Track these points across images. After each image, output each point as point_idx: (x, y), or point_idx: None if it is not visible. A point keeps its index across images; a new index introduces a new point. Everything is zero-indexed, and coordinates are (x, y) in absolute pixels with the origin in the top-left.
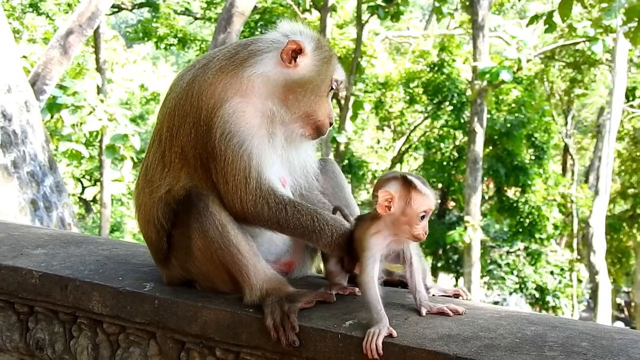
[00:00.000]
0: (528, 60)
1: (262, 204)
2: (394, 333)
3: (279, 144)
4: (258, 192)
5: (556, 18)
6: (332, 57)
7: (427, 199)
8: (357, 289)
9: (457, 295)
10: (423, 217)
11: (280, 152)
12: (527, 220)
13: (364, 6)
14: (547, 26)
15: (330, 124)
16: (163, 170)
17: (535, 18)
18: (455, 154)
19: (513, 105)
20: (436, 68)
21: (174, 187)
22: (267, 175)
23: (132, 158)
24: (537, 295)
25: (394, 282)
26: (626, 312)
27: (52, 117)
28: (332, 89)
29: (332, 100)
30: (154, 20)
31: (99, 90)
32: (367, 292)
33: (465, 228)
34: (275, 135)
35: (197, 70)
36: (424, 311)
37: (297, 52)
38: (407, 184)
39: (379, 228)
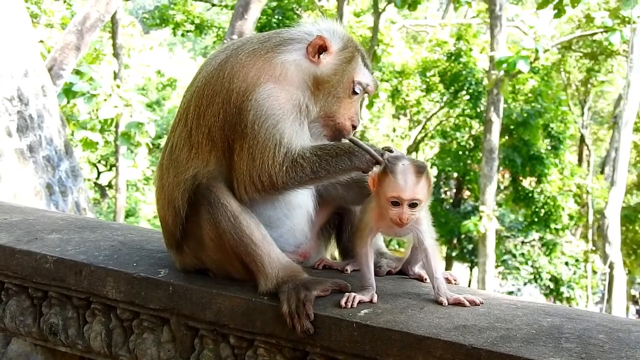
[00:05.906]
0: (545, 51)
1: (296, 169)
2: (375, 299)
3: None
4: (289, 161)
5: (567, 5)
6: (353, 58)
7: (397, 187)
8: (348, 267)
9: (447, 281)
10: (395, 203)
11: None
12: (543, 211)
13: None
14: (556, 11)
15: (354, 127)
16: (190, 152)
17: (545, 2)
18: (471, 143)
19: (530, 95)
20: (453, 57)
21: (201, 171)
22: (295, 142)
23: (147, 145)
24: (552, 286)
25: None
26: None
27: (68, 102)
28: (355, 91)
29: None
30: (171, 6)
31: (116, 76)
32: (360, 260)
33: (480, 218)
34: (304, 126)
35: (230, 52)
36: (444, 301)
37: (323, 48)
38: (384, 168)
39: (376, 205)
